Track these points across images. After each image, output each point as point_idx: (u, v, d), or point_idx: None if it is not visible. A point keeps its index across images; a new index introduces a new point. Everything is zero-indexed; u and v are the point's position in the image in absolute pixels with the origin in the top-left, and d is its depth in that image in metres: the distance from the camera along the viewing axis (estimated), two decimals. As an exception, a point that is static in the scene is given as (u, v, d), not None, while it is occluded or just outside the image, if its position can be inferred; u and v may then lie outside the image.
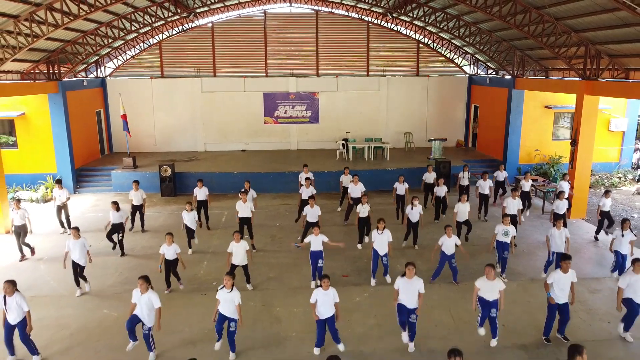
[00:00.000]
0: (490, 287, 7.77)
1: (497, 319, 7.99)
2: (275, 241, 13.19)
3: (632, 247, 10.34)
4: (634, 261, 7.99)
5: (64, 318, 9.10)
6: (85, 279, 10.15)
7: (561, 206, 12.40)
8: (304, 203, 12.71)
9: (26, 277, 10.80)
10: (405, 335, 8.06)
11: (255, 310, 9.36)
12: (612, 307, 9.10)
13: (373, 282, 10.42)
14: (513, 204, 12.23)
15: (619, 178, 19.22)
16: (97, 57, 20.55)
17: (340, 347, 7.92)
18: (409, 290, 7.67)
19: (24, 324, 7.61)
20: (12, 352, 7.76)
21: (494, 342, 8.09)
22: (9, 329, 7.63)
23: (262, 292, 10.16)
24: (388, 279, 10.43)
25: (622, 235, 10.27)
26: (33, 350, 7.78)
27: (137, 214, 13.86)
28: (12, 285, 7.52)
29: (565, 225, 10.59)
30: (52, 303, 9.70)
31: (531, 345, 8.09)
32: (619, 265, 10.39)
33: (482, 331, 8.17)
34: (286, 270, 11.24)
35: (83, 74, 20.45)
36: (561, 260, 7.96)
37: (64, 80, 17.78)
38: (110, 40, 18.20)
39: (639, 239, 11.54)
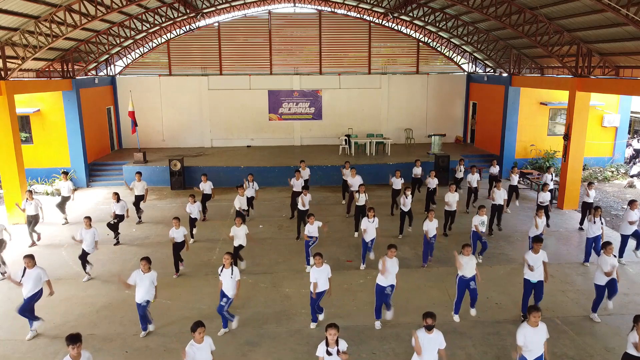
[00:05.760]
0: (468, 262, 8.53)
1: (477, 291, 8.75)
2: (282, 230, 13.92)
3: (603, 232, 11.06)
4: (604, 244, 8.71)
5: (90, 297, 9.87)
6: (88, 262, 10.66)
7: (545, 197, 13.23)
8: (296, 195, 13.36)
9: (50, 262, 11.51)
10: (389, 313, 8.87)
11: (266, 290, 10.10)
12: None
13: (362, 266, 11.16)
14: (498, 194, 13.06)
15: (612, 172, 19.90)
16: (107, 56, 21.25)
17: (321, 316, 8.77)
18: (391, 267, 8.44)
19: (34, 297, 8.25)
20: (37, 318, 8.39)
21: (473, 312, 8.90)
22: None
23: (272, 274, 10.89)
24: (372, 255, 11.28)
25: (594, 222, 10.95)
26: (32, 322, 8.34)
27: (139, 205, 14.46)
28: (31, 259, 8.25)
29: (547, 215, 11.29)
30: (77, 284, 10.45)
31: (519, 320, 8.79)
32: (589, 253, 11.29)
33: (456, 318, 8.87)
34: (293, 256, 11.98)
35: (94, 72, 21.15)
36: (533, 242, 8.70)
37: (77, 78, 18.51)
38: (121, 40, 18.92)
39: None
